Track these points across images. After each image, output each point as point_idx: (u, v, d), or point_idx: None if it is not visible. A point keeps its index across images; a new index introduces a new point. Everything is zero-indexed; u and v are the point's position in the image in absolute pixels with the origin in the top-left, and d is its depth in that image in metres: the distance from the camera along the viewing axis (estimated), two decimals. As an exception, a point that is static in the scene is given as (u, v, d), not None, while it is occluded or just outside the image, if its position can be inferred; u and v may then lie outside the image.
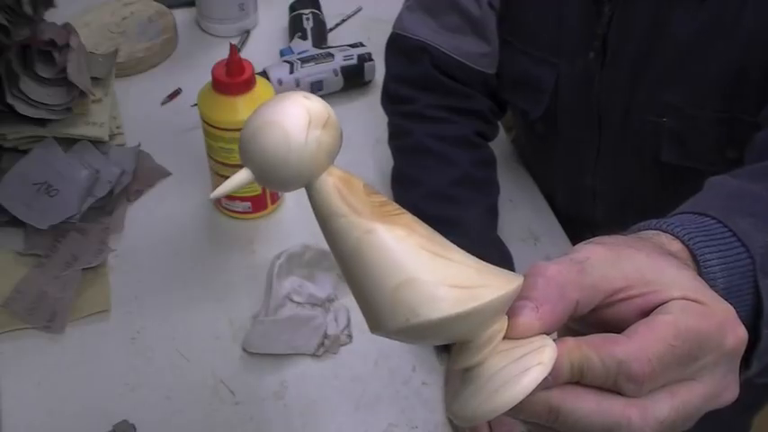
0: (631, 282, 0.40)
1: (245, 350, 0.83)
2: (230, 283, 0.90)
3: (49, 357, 0.83)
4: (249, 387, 0.81)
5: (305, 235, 0.94)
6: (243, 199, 0.94)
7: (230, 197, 0.94)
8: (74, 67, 0.95)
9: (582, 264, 0.40)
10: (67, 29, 0.99)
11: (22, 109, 0.94)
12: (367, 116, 1.11)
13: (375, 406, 0.80)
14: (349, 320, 0.86)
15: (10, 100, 0.94)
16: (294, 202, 0.99)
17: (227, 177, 0.99)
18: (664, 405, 0.39)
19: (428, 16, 0.93)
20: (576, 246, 0.43)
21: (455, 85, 0.94)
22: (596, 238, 0.44)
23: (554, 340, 0.39)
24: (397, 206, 0.39)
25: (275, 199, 0.97)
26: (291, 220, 0.97)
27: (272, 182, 0.38)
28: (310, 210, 1.05)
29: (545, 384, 0.37)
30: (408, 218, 0.39)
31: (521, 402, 0.37)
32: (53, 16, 1.00)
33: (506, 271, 0.39)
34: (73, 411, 0.79)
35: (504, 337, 0.38)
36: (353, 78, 1.12)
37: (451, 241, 0.40)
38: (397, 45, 0.96)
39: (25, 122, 0.96)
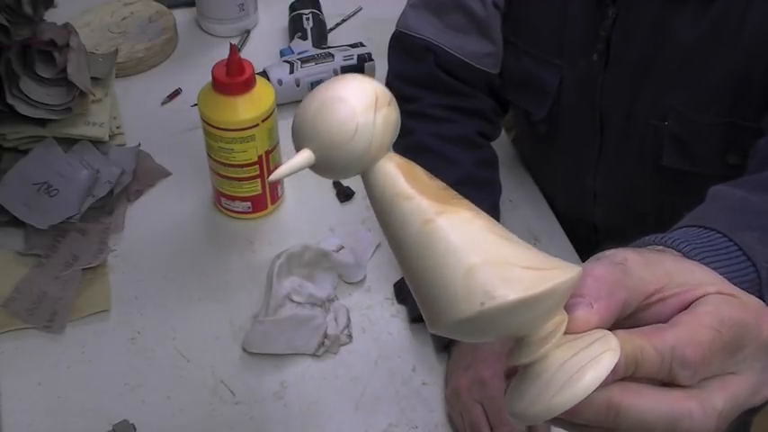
0: (664, 284, 0.40)
1: (245, 350, 0.83)
2: (230, 283, 0.90)
3: (49, 357, 0.83)
4: (249, 387, 0.81)
5: (305, 235, 0.94)
6: (243, 199, 0.94)
7: (230, 197, 0.94)
8: (74, 67, 0.95)
9: (623, 265, 0.40)
10: (67, 29, 0.99)
11: (22, 109, 0.94)
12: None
13: (375, 406, 0.80)
14: (349, 320, 0.86)
15: (10, 100, 0.94)
16: (294, 203, 0.99)
17: (227, 177, 0.99)
18: (718, 396, 0.39)
19: (432, 15, 0.92)
20: (604, 252, 0.42)
21: (458, 85, 0.93)
22: (614, 249, 0.43)
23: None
24: (455, 192, 0.39)
25: (275, 199, 0.97)
26: (291, 220, 0.97)
27: (335, 162, 0.37)
28: (310, 210, 1.05)
29: (608, 378, 0.36)
30: (468, 203, 0.38)
31: (580, 404, 0.36)
32: (53, 16, 1.00)
33: (555, 258, 0.38)
34: (73, 411, 0.79)
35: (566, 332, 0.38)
36: (353, 78, 1.12)
37: None
38: (401, 43, 0.96)
39: (25, 122, 0.96)
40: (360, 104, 0.36)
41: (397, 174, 0.37)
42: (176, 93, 1.12)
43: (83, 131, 0.99)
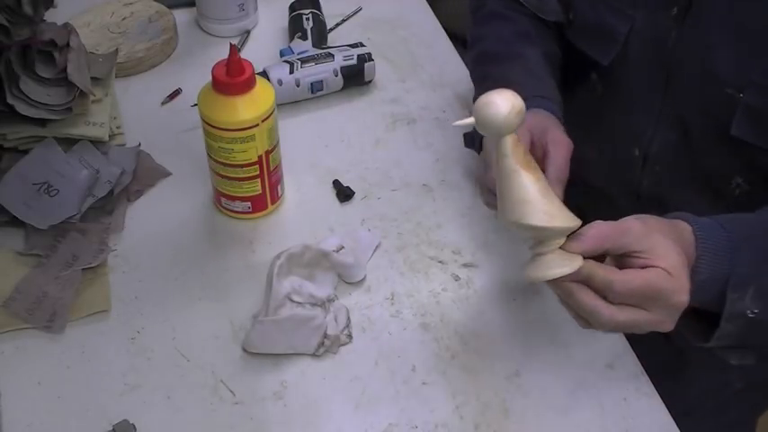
0: (646, 249, 0.67)
1: (245, 350, 0.83)
2: (230, 283, 0.90)
3: (49, 357, 0.83)
4: (249, 387, 0.81)
5: (305, 235, 0.94)
6: (243, 199, 0.94)
7: (230, 197, 0.94)
8: (74, 67, 0.95)
9: (623, 230, 0.68)
10: (67, 29, 0.99)
11: (22, 109, 0.94)
12: (367, 116, 1.11)
13: (375, 406, 0.80)
14: (349, 320, 0.86)
15: (10, 100, 0.94)
16: (294, 203, 0.99)
17: (227, 177, 1.00)
18: (624, 314, 0.68)
19: None
20: (628, 217, 0.70)
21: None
22: (643, 215, 0.71)
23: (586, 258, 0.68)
24: (535, 164, 0.68)
25: (275, 199, 0.97)
26: (291, 220, 0.97)
27: (484, 129, 0.66)
28: (310, 210, 1.06)
29: (571, 277, 0.67)
30: (538, 172, 0.67)
31: (556, 281, 0.68)
32: (53, 16, 1.00)
33: (572, 215, 0.68)
34: (73, 411, 0.79)
35: (561, 247, 0.68)
36: (353, 78, 1.12)
37: (506, 70, 0.92)
38: None
39: (25, 122, 0.96)
40: (503, 108, 0.64)
41: (509, 145, 0.66)
42: (176, 93, 1.12)
43: (83, 131, 0.99)
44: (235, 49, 0.86)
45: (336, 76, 1.11)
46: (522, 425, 0.79)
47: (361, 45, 1.14)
